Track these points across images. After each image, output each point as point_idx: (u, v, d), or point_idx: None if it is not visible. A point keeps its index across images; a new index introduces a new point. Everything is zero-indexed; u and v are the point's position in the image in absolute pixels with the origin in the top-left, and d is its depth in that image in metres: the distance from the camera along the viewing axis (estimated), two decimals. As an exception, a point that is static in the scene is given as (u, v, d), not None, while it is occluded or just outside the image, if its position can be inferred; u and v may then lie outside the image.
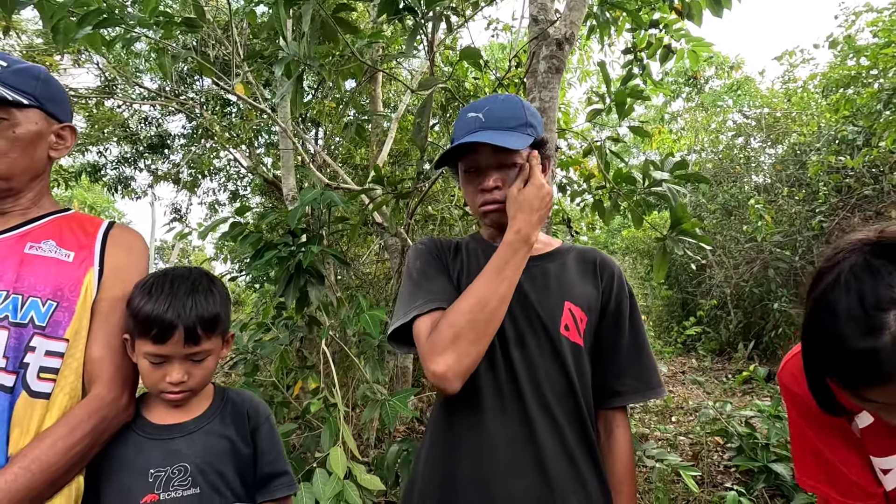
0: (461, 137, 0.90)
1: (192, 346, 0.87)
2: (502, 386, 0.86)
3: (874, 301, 0.62)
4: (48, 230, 0.90)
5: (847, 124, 5.18)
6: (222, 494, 0.87)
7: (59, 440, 0.78)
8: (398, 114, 3.66)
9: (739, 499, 2.36)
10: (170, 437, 0.88)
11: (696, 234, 1.66)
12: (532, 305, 0.89)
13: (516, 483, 0.81)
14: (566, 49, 1.91)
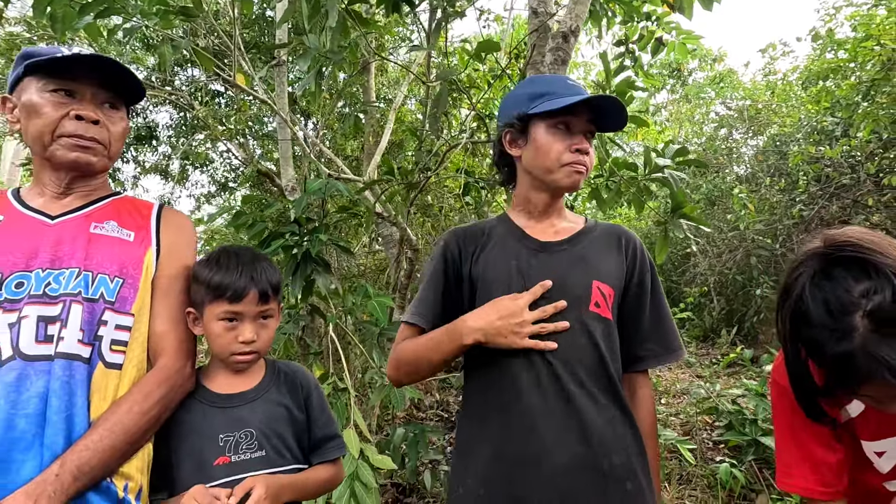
0: (565, 95, 0.95)
1: (263, 305, 0.96)
2: (537, 365, 0.92)
3: (839, 306, 0.68)
4: (108, 211, 0.96)
5: (826, 115, 5.37)
6: (284, 457, 0.95)
7: (135, 405, 0.83)
8: (396, 104, 3.69)
9: (731, 470, 2.50)
10: (233, 406, 0.95)
11: (695, 218, 1.76)
12: (563, 287, 0.95)
13: (563, 454, 0.87)
14: (571, 41, 1.98)
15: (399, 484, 2.94)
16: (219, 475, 0.89)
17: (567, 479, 0.86)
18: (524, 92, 1.02)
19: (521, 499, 0.87)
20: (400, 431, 2.75)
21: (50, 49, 0.92)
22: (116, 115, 0.96)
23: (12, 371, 0.78)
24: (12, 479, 0.74)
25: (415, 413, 4.21)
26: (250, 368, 1.00)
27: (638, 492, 0.89)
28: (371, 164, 3.30)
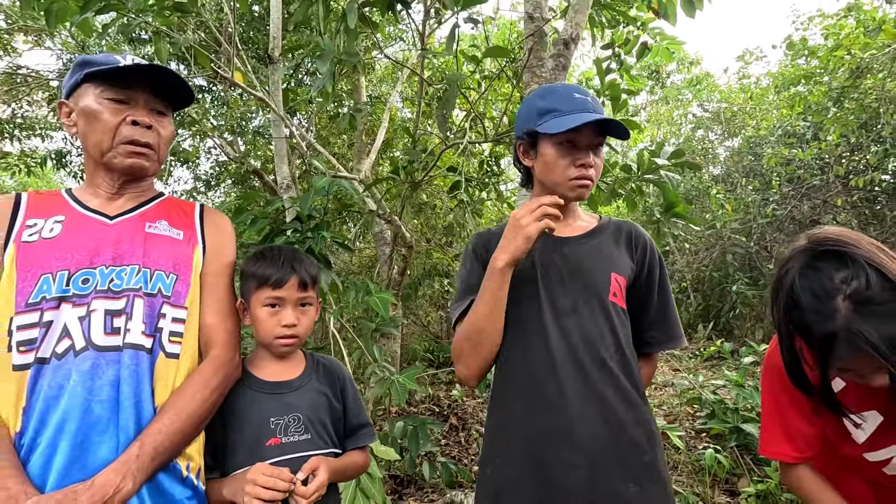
0: (572, 112, 1.00)
1: (303, 291, 1.04)
2: (556, 349, 0.99)
3: (823, 292, 0.79)
4: (159, 212, 1.01)
5: (799, 119, 5.62)
6: (325, 440, 1.02)
7: (197, 393, 0.89)
8: (390, 103, 3.74)
9: (716, 456, 2.64)
10: (282, 392, 1.02)
11: (688, 217, 1.87)
12: (583, 278, 1.04)
13: (586, 430, 0.95)
14: (572, 48, 2.06)
15: (397, 476, 3.01)
16: (271, 454, 0.96)
17: (591, 451, 0.94)
18: (534, 106, 1.06)
19: (551, 470, 0.95)
20: (399, 424, 2.82)
21: (106, 58, 0.96)
22: (165, 121, 1.01)
23: (87, 360, 0.83)
24: (91, 460, 0.80)
25: (406, 408, 4.28)
26: (293, 357, 1.07)
27: (653, 462, 0.97)
28: (367, 163, 3.35)
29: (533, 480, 0.96)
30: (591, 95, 1.05)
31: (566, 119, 0.98)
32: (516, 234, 0.96)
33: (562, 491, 0.94)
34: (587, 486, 0.93)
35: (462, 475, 2.84)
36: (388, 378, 2.57)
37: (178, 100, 1.03)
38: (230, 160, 5.43)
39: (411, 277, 4.75)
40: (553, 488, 0.94)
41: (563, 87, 1.06)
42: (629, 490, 0.93)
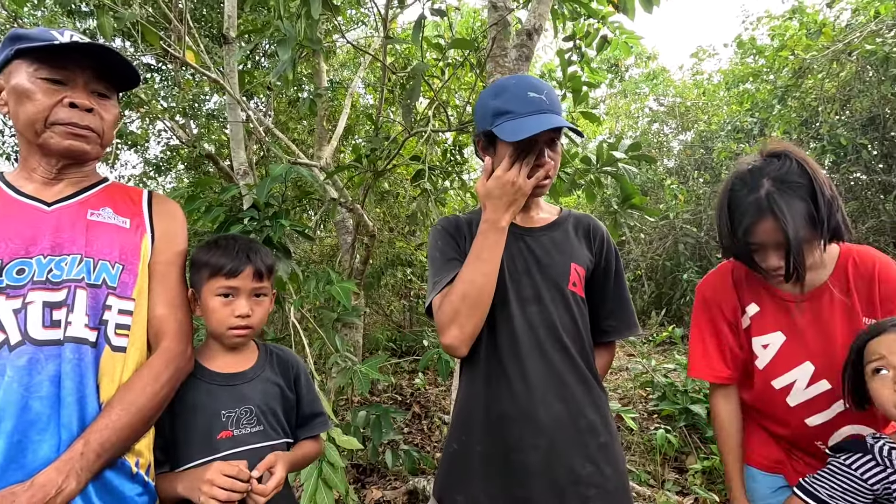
0: (525, 115, 0.98)
1: (258, 282, 1.01)
2: (520, 335, 1.02)
3: (756, 172, 1.02)
4: (103, 198, 0.95)
5: (747, 116, 5.89)
6: (277, 431, 1.01)
7: (147, 386, 0.85)
8: (352, 89, 3.66)
9: (666, 436, 2.78)
10: (235, 384, 0.99)
11: (644, 208, 1.93)
12: (546, 268, 1.06)
13: (548, 411, 0.99)
14: (535, 39, 2.08)
15: (359, 465, 3.00)
16: (223, 448, 0.93)
17: (552, 432, 0.98)
18: (488, 105, 1.05)
19: (514, 449, 0.98)
20: (362, 414, 2.81)
21: (42, 32, 0.88)
22: (109, 103, 0.94)
23: (23, 355, 0.77)
24: (31, 459, 0.75)
25: (369, 398, 4.27)
26: (246, 349, 1.05)
27: (609, 443, 1.02)
28: (328, 150, 3.27)
29: (497, 460, 0.99)
30: (546, 90, 1.02)
31: (521, 124, 0.97)
32: (515, 192, 0.98)
33: (524, 471, 0.97)
34: (546, 466, 0.97)
35: (425, 462, 2.87)
36: (350, 368, 2.55)
37: (122, 80, 0.96)
38: (182, 144, 5.18)
39: (374, 266, 4.71)
40: (516, 467, 0.98)
41: (517, 85, 1.03)
42: (585, 470, 0.97)
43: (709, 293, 1.20)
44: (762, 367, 1.12)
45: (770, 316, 1.11)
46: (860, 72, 4.63)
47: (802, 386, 1.08)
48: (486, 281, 0.98)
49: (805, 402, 1.09)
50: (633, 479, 2.61)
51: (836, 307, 1.06)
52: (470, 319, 0.98)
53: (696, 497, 2.45)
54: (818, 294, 1.08)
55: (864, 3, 4.77)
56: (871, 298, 1.05)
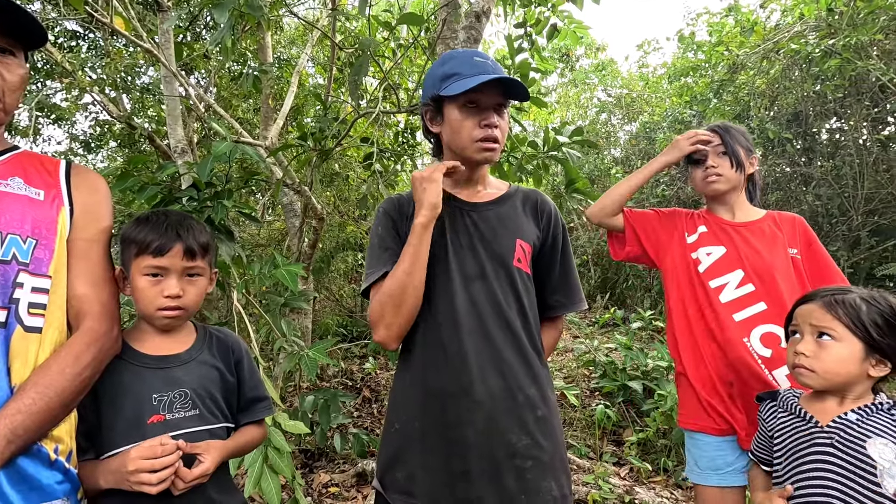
0: (473, 75, 1.00)
1: (190, 260, 0.96)
2: (461, 312, 1.03)
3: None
4: (12, 167, 0.87)
5: (686, 108, 6.18)
6: (215, 416, 0.97)
7: (67, 367, 0.80)
8: (299, 67, 3.53)
9: (606, 411, 2.93)
10: (168, 367, 0.94)
11: (587, 192, 2.00)
12: (490, 244, 1.07)
13: (486, 386, 1.00)
14: (483, 21, 2.08)
15: (307, 450, 2.97)
16: (154, 433, 0.89)
17: (489, 406, 1.00)
18: (437, 72, 1.07)
19: (451, 425, 1.00)
20: (310, 398, 2.78)
21: None
22: (12, 62, 0.85)
23: None
24: None
25: (318, 383, 4.22)
26: (181, 331, 1.00)
27: (547, 417, 1.05)
28: (274, 129, 3.16)
29: (434, 436, 1.01)
30: (492, 59, 1.06)
31: (468, 80, 1.00)
32: (426, 186, 1.01)
33: (462, 445, 0.99)
34: (484, 439, 0.99)
35: (374, 445, 2.88)
36: (297, 353, 2.51)
37: (27, 37, 0.87)
38: (114, 119, 4.83)
39: (323, 251, 4.61)
40: (453, 442, 0.99)
41: (463, 52, 1.07)
42: (522, 442, 1.00)
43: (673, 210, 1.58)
44: (703, 269, 1.40)
45: (714, 234, 1.43)
46: (787, 70, 4.96)
47: (733, 286, 1.35)
48: (411, 279, 1.00)
49: (734, 300, 1.34)
50: (574, 453, 2.74)
51: (766, 235, 1.39)
52: (396, 318, 1.02)
53: (631, 466, 2.60)
54: (753, 224, 1.42)
55: (791, 5, 5.09)
56: (793, 236, 1.39)
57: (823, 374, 0.98)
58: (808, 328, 1.00)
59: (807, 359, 0.99)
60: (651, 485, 2.44)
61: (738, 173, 1.43)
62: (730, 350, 1.32)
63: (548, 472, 1.01)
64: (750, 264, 1.35)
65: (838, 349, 0.97)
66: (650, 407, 2.88)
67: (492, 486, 0.97)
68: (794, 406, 1.05)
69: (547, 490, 0.99)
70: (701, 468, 1.36)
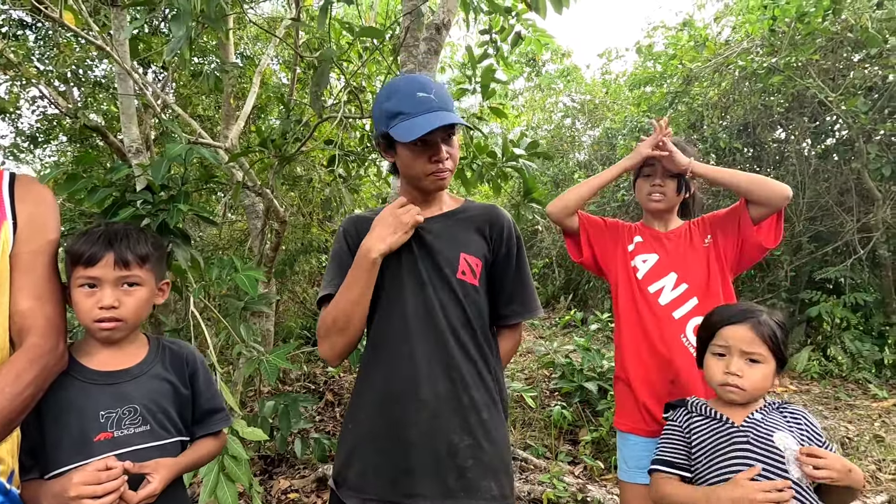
0: (417, 114, 1.03)
1: (123, 270, 0.95)
2: (411, 319, 1.08)
3: None
4: None
5: (644, 116, 6.41)
6: (168, 430, 0.97)
7: (7, 387, 0.79)
8: (261, 67, 3.48)
9: (562, 411, 3.02)
10: (117, 382, 0.94)
11: (543, 202, 2.07)
12: (435, 256, 1.12)
13: (433, 387, 1.05)
14: (444, 33, 2.12)
15: (267, 456, 2.94)
16: (101, 451, 0.88)
17: (434, 407, 1.05)
18: (382, 108, 1.09)
19: (398, 424, 1.05)
20: (269, 404, 2.75)
21: None
22: None
23: None
24: None
25: (280, 387, 4.17)
26: (131, 344, 0.99)
27: (493, 419, 1.10)
28: (234, 130, 3.11)
29: (383, 435, 1.06)
30: (434, 89, 1.07)
31: (413, 123, 1.03)
32: (396, 230, 1.05)
33: (405, 443, 1.04)
34: (427, 438, 1.04)
35: (336, 450, 2.89)
36: (257, 357, 2.48)
37: None
38: (63, 114, 4.63)
39: (286, 253, 4.56)
40: (398, 441, 1.04)
41: (407, 85, 1.08)
42: (464, 442, 1.05)
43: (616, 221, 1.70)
44: (641, 276, 1.53)
45: (648, 243, 1.56)
46: (736, 83, 5.22)
47: (670, 288, 1.49)
48: (355, 308, 1.06)
49: (672, 300, 1.48)
50: (532, 453, 2.82)
51: (686, 237, 1.55)
52: (339, 339, 1.08)
53: (585, 465, 2.70)
54: (677, 232, 1.56)
55: (740, 23, 5.36)
56: (703, 227, 1.55)
57: (752, 391, 1.11)
58: (738, 353, 1.12)
59: (739, 379, 1.10)
60: (603, 482, 2.55)
61: (680, 196, 1.56)
62: (669, 348, 1.43)
63: (488, 472, 1.06)
64: (680, 266, 1.50)
65: (763, 369, 1.11)
66: (604, 407, 2.99)
67: (433, 484, 1.02)
68: (709, 410, 1.16)
69: (487, 489, 1.05)
70: (629, 467, 1.46)
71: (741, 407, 1.13)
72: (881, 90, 4.51)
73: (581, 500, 2.31)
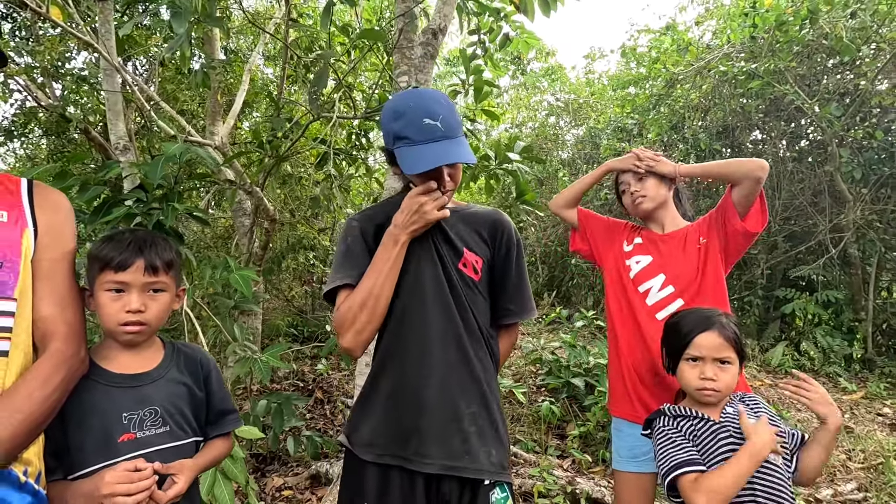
0: (422, 142, 1.05)
1: (152, 276, 0.97)
2: (429, 293, 1.13)
3: None
4: None
5: (628, 118, 6.54)
6: (185, 431, 1.00)
7: (35, 391, 0.80)
8: (250, 64, 3.46)
9: (551, 407, 3.10)
10: (138, 385, 0.96)
11: (535, 204, 2.13)
12: (439, 246, 1.17)
13: (446, 353, 1.11)
14: (440, 38, 2.15)
15: (259, 454, 2.95)
16: (125, 451, 0.91)
17: (445, 373, 1.11)
18: (389, 127, 1.10)
19: (413, 386, 1.10)
20: (262, 403, 2.76)
21: None
22: None
23: None
24: None
25: (269, 385, 4.16)
26: (148, 347, 1.01)
27: (492, 394, 1.17)
28: (224, 128, 3.09)
29: (399, 396, 1.12)
30: (442, 115, 1.06)
31: (417, 153, 1.05)
32: (420, 217, 1.08)
33: (417, 404, 1.10)
34: (437, 401, 1.10)
35: (328, 446, 2.91)
36: (250, 357, 2.49)
37: None
38: (41, 107, 4.51)
39: (274, 250, 4.54)
40: (412, 402, 1.10)
41: (414, 109, 1.06)
42: (469, 409, 1.12)
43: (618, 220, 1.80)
44: (633, 276, 1.61)
45: (645, 245, 1.63)
46: (717, 87, 5.37)
47: (657, 289, 1.56)
48: (383, 292, 1.09)
49: (657, 301, 1.55)
50: (521, 448, 2.89)
51: (682, 240, 1.60)
52: (367, 326, 1.10)
53: (573, 458, 2.78)
54: (675, 235, 1.62)
55: (721, 28, 5.51)
56: (702, 226, 1.59)
57: (725, 392, 1.21)
58: (711, 359, 1.21)
59: (714, 383, 1.20)
60: (591, 475, 2.63)
61: (662, 187, 1.63)
62: (653, 347, 1.50)
63: (488, 441, 1.13)
64: (670, 269, 1.56)
65: (732, 370, 1.21)
66: (591, 402, 3.08)
67: (440, 445, 1.08)
68: (689, 410, 1.25)
69: (486, 455, 1.11)
70: (621, 456, 1.55)
71: (714, 405, 1.23)
72: (853, 96, 4.70)
73: (570, 492, 2.38)
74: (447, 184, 1.12)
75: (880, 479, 2.65)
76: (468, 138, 2.64)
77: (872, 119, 4.79)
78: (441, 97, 1.11)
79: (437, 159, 1.04)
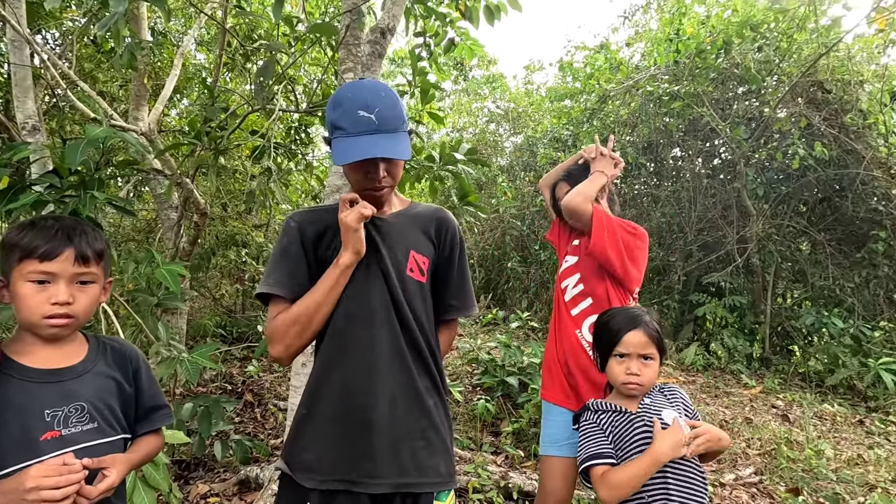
0: (354, 134, 1.03)
1: (82, 266, 0.91)
2: (372, 311, 1.13)
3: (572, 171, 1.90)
4: None
5: (563, 129, 6.85)
6: (114, 427, 0.94)
7: None
8: (184, 48, 3.27)
9: (486, 405, 3.18)
10: (61, 380, 0.89)
11: (477, 205, 2.19)
12: (388, 254, 1.16)
13: (394, 375, 1.11)
14: (388, 38, 2.15)
15: (181, 460, 2.79)
16: (48, 450, 0.84)
17: (394, 393, 1.11)
18: (329, 116, 1.09)
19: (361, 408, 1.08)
20: (188, 406, 2.61)
21: None
22: None
23: None
24: None
25: (194, 388, 3.93)
26: (71, 342, 0.94)
27: (438, 406, 1.19)
28: (153, 114, 2.89)
29: (344, 420, 1.09)
30: (378, 108, 1.05)
31: (347, 145, 1.04)
32: (351, 235, 1.07)
33: (366, 427, 1.08)
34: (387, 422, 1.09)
35: (258, 450, 2.80)
36: (176, 357, 2.35)
37: None
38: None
39: (202, 246, 4.30)
40: (360, 426, 1.08)
41: (351, 100, 1.05)
42: (418, 425, 1.13)
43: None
44: (560, 272, 1.78)
45: (579, 247, 1.76)
46: (643, 105, 5.78)
47: (571, 287, 1.72)
48: (320, 313, 1.09)
49: (572, 297, 1.70)
50: (458, 445, 2.94)
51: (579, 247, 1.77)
52: (297, 340, 1.09)
53: (507, 454, 2.87)
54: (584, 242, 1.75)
55: (648, 50, 5.94)
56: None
57: (648, 385, 1.32)
58: (636, 356, 1.32)
59: (638, 377, 1.30)
60: (523, 469, 2.73)
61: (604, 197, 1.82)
62: (567, 341, 1.67)
63: (436, 453, 1.15)
64: (584, 269, 1.71)
65: (654, 365, 1.33)
66: (524, 400, 3.19)
67: (391, 464, 1.08)
68: (609, 405, 1.34)
69: (435, 468, 1.13)
70: (546, 442, 1.67)
71: (636, 397, 1.34)
72: (758, 121, 5.24)
73: (503, 486, 2.46)
74: (383, 180, 1.11)
75: (773, 463, 2.96)
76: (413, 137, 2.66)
77: (773, 142, 5.36)
78: (382, 90, 1.09)
79: (362, 152, 1.02)
